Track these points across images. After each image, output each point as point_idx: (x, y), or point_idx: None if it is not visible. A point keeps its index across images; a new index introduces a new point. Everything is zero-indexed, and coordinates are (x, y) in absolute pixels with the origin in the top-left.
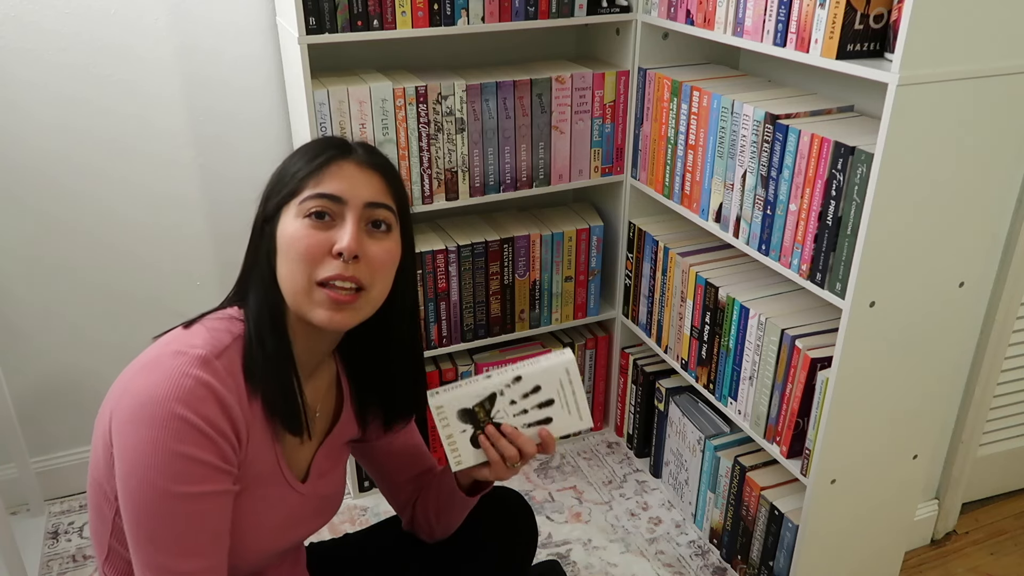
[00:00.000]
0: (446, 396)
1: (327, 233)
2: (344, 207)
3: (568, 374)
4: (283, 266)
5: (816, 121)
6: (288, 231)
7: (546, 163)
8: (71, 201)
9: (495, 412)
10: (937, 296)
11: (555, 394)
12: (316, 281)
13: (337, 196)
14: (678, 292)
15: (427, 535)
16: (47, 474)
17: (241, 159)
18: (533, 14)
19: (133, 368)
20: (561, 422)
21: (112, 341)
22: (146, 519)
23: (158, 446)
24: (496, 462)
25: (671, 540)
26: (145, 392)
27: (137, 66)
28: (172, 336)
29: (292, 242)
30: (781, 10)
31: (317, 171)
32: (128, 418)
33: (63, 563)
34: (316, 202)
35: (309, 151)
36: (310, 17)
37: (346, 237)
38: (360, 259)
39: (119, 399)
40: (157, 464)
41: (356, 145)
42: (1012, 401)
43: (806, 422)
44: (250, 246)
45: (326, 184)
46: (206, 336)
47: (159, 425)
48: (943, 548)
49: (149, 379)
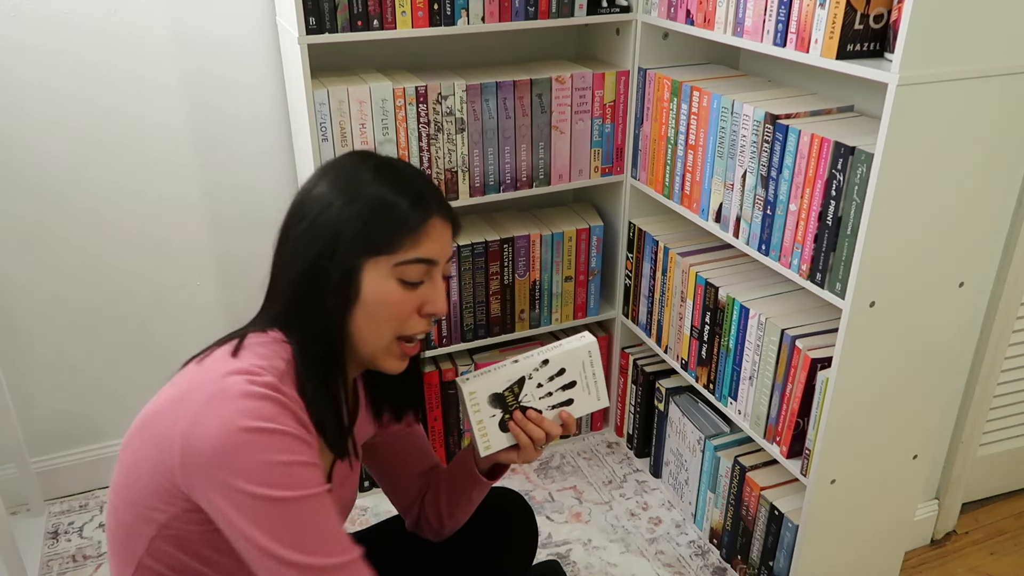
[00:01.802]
0: (478, 382)
1: (416, 293)
2: (434, 268)
3: (591, 356)
4: (366, 321)
5: (816, 121)
6: (380, 290)
7: (546, 163)
8: (71, 200)
9: (523, 395)
10: (937, 296)
11: (578, 376)
12: (399, 336)
13: (434, 260)
14: (678, 292)
15: (435, 532)
16: (47, 474)
17: (241, 159)
18: (533, 14)
19: (194, 402)
20: (581, 402)
21: (113, 340)
22: (286, 533)
23: (265, 464)
24: (526, 445)
25: (671, 540)
26: (228, 422)
27: (136, 66)
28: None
29: (384, 303)
30: (781, 10)
31: (416, 231)
32: (221, 451)
33: (63, 563)
34: (417, 270)
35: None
36: (310, 17)
37: (440, 301)
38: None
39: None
40: (273, 479)
41: (424, 188)
42: (1012, 401)
43: (806, 422)
44: (304, 281)
45: (425, 247)
46: (265, 363)
47: (258, 446)
48: (943, 548)
49: (225, 409)
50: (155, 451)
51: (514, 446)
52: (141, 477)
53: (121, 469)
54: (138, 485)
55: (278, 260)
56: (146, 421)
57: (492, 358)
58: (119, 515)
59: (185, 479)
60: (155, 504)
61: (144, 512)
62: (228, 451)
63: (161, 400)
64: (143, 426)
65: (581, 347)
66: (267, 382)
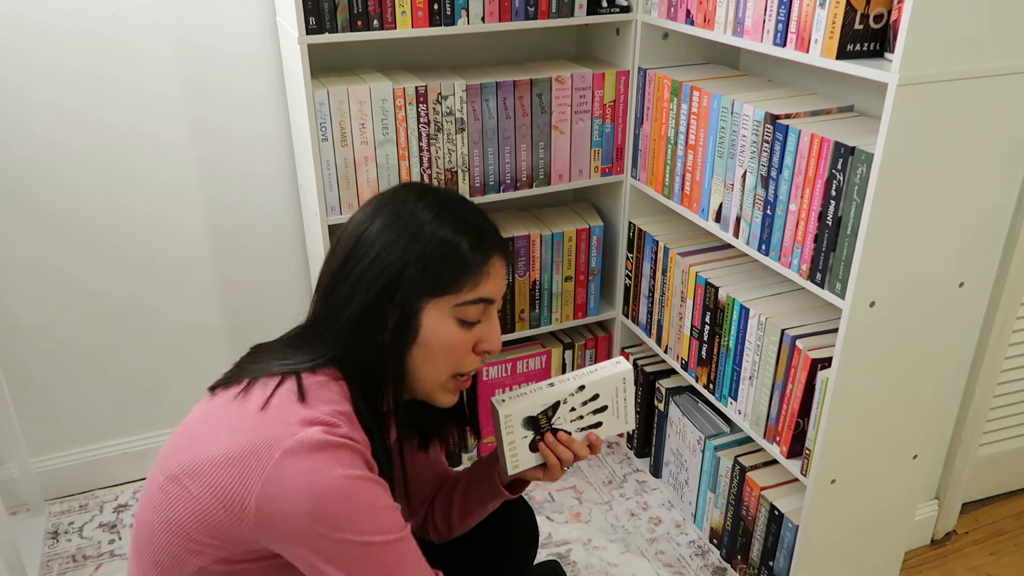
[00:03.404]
0: (515, 405)
1: (473, 332)
2: (492, 307)
3: (624, 383)
4: (424, 359)
5: (816, 121)
6: (440, 331)
7: (546, 163)
8: (71, 201)
9: (556, 419)
10: (937, 296)
11: (610, 401)
12: (455, 374)
13: (493, 300)
14: (678, 292)
15: (440, 535)
16: (47, 474)
17: (241, 159)
18: (533, 14)
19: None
20: (609, 425)
21: (113, 340)
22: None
23: (359, 514)
24: (554, 466)
25: (671, 540)
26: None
27: (136, 65)
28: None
29: (444, 344)
30: (781, 10)
31: (478, 272)
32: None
33: (63, 563)
34: (476, 310)
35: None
36: (310, 17)
37: (495, 339)
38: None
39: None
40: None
41: (484, 225)
42: (1012, 401)
43: (806, 422)
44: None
45: (485, 287)
46: (331, 409)
47: (350, 496)
48: (943, 548)
49: (309, 463)
50: (219, 502)
51: (541, 465)
52: (196, 518)
53: (165, 498)
54: (190, 523)
55: (332, 296)
56: (202, 466)
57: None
58: (158, 537)
59: (261, 533)
60: (212, 542)
61: (195, 545)
62: (320, 507)
63: (223, 447)
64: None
65: (616, 375)
66: (343, 432)
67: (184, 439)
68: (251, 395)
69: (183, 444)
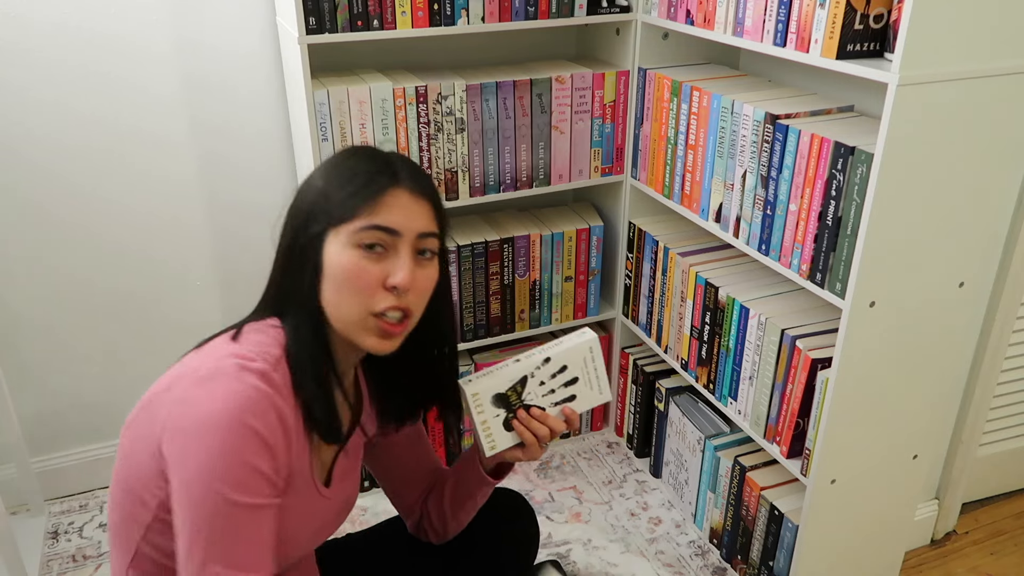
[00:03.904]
0: (481, 383)
1: (380, 265)
2: (398, 239)
3: (592, 352)
4: (333, 293)
5: (816, 121)
6: (340, 260)
7: (546, 163)
8: (70, 201)
9: (526, 394)
10: (937, 296)
11: (580, 372)
12: (371, 312)
13: (393, 229)
14: (678, 292)
15: (437, 534)
16: (47, 474)
17: (241, 159)
18: (533, 14)
19: (187, 379)
20: (584, 398)
21: (113, 341)
22: (207, 527)
23: (227, 457)
24: (531, 443)
25: (671, 540)
26: (211, 403)
27: (136, 64)
28: (222, 347)
29: (346, 274)
30: (781, 10)
31: (372, 200)
32: (193, 429)
33: (63, 563)
34: (372, 234)
35: (354, 172)
36: (310, 17)
37: (403, 273)
38: (409, 289)
39: (177, 410)
40: (224, 474)
41: (401, 166)
42: (1012, 401)
43: (806, 422)
44: (286, 262)
45: (382, 215)
46: (259, 349)
47: (229, 436)
48: (943, 548)
49: (214, 391)
50: (147, 433)
51: (519, 444)
52: (136, 462)
53: (120, 455)
54: (134, 470)
55: (275, 249)
56: (143, 405)
57: (492, 358)
58: (119, 502)
59: (164, 452)
60: (150, 488)
61: (141, 497)
62: (203, 430)
63: (157, 386)
64: (139, 411)
65: (582, 343)
66: (259, 369)
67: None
68: (205, 345)
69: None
